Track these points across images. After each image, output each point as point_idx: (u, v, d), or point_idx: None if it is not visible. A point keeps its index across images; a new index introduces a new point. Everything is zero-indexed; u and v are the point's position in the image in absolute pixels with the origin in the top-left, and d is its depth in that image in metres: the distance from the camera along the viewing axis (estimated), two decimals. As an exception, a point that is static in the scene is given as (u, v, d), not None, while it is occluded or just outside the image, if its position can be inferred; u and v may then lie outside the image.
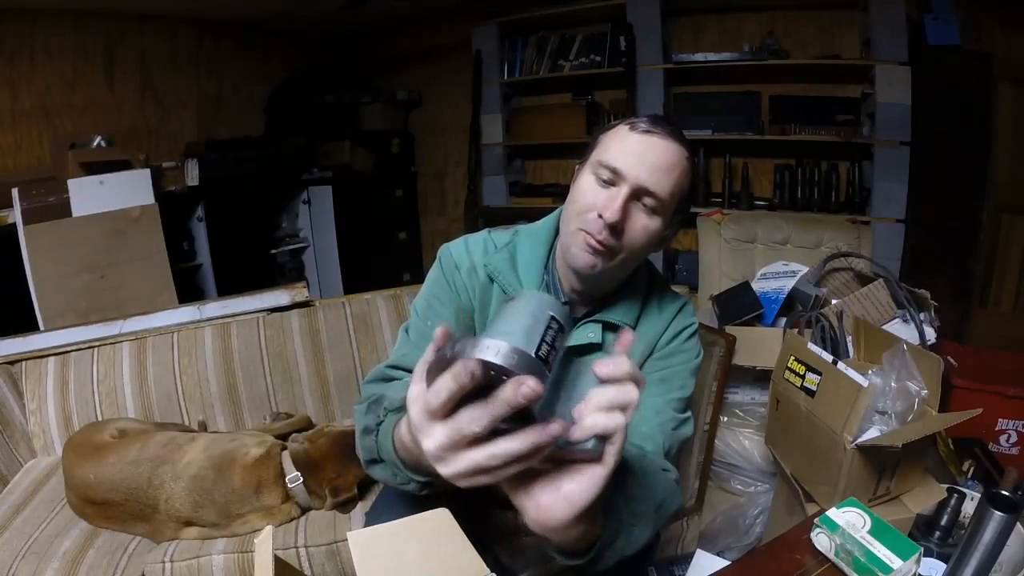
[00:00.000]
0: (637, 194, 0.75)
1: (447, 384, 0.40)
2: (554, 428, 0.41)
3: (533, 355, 0.41)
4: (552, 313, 0.45)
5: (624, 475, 0.65)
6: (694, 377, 0.87)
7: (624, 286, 0.87)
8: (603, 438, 0.44)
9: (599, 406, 0.44)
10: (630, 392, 0.45)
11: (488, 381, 0.40)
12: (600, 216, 0.75)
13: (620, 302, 0.86)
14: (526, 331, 0.43)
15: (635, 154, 0.75)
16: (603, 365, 0.45)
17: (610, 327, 0.85)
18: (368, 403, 0.76)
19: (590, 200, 0.77)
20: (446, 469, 0.43)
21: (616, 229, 0.75)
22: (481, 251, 0.90)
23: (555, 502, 0.45)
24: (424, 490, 0.69)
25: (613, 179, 0.76)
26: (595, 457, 0.45)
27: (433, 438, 0.42)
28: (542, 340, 0.42)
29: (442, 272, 0.90)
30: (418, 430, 0.44)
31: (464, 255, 0.90)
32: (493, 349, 0.40)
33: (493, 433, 0.42)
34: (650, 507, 0.66)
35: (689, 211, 0.85)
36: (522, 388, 0.38)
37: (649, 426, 0.78)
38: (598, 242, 0.76)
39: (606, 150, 0.77)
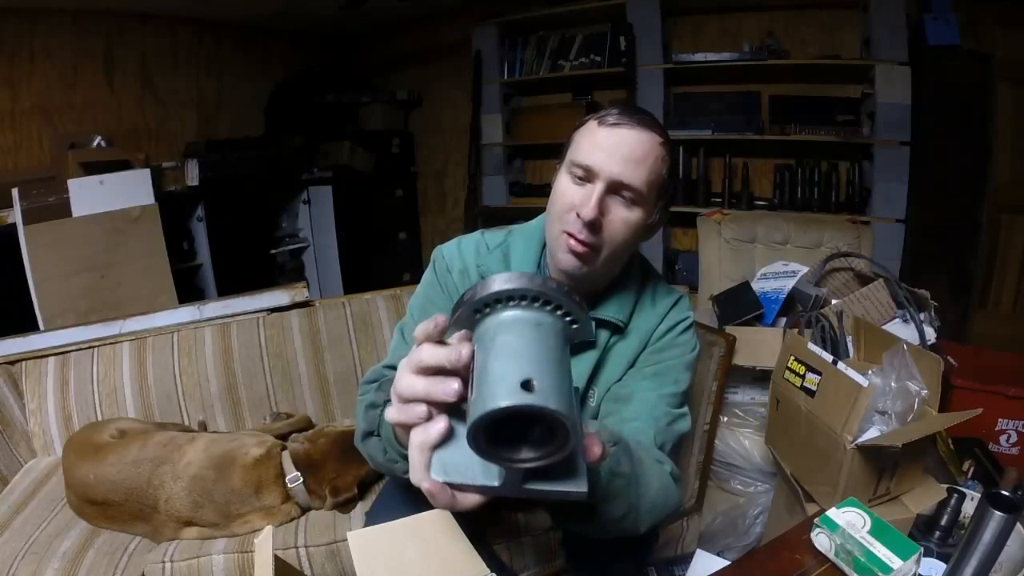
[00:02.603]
0: (613, 188, 0.75)
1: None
2: (448, 387, 0.43)
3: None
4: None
5: (614, 455, 0.63)
6: (689, 371, 0.86)
7: (617, 282, 0.86)
8: None
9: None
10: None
11: None
12: (579, 215, 0.75)
13: (613, 298, 0.86)
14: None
15: (606, 148, 0.75)
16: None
17: (603, 324, 0.85)
18: (380, 382, 0.77)
19: (568, 200, 0.77)
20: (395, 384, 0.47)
21: (595, 226, 0.75)
22: (474, 252, 0.90)
23: None
24: (408, 473, 0.68)
25: (587, 176, 0.76)
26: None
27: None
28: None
29: (435, 275, 0.91)
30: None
31: (456, 257, 0.91)
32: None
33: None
34: (637, 491, 0.65)
35: (674, 195, 0.85)
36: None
37: (641, 421, 0.78)
38: (580, 242, 0.76)
39: (578, 148, 0.77)
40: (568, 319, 0.44)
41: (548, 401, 0.36)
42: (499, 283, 0.42)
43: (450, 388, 0.43)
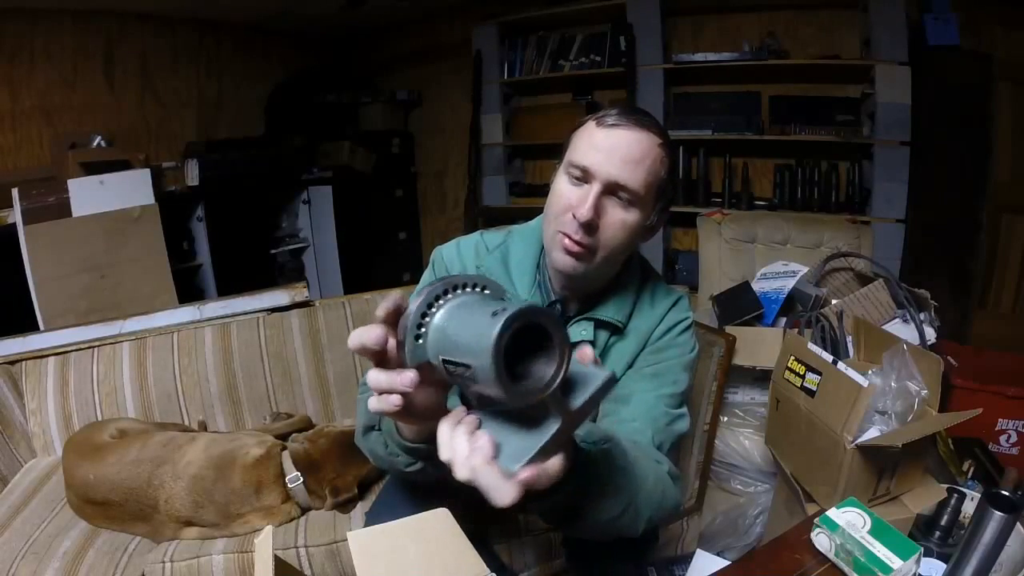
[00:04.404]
0: (610, 189, 0.75)
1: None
2: (405, 377, 0.47)
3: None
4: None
5: (606, 452, 0.64)
6: (688, 372, 0.86)
7: (615, 282, 0.86)
8: None
9: (444, 426, 0.49)
10: (466, 462, 0.46)
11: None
12: (575, 216, 0.75)
13: (612, 298, 0.86)
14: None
15: (603, 149, 0.75)
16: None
17: (602, 324, 0.85)
18: None
19: (565, 201, 0.77)
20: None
21: (591, 227, 0.75)
22: (473, 253, 0.91)
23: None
24: (411, 466, 0.69)
25: (584, 177, 0.76)
26: None
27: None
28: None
29: (435, 276, 0.91)
30: None
31: (456, 258, 0.91)
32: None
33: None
34: (632, 488, 0.65)
35: (673, 196, 0.85)
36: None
37: (640, 421, 0.78)
38: (575, 242, 0.76)
39: (575, 149, 0.77)
40: (478, 289, 0.49)
41: (520, 304, 0.41)
42: (414, 305, 0.46)
43: (407, 378, 0.47)
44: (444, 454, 0.47)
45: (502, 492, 0.45)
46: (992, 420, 1.55)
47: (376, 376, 0.49)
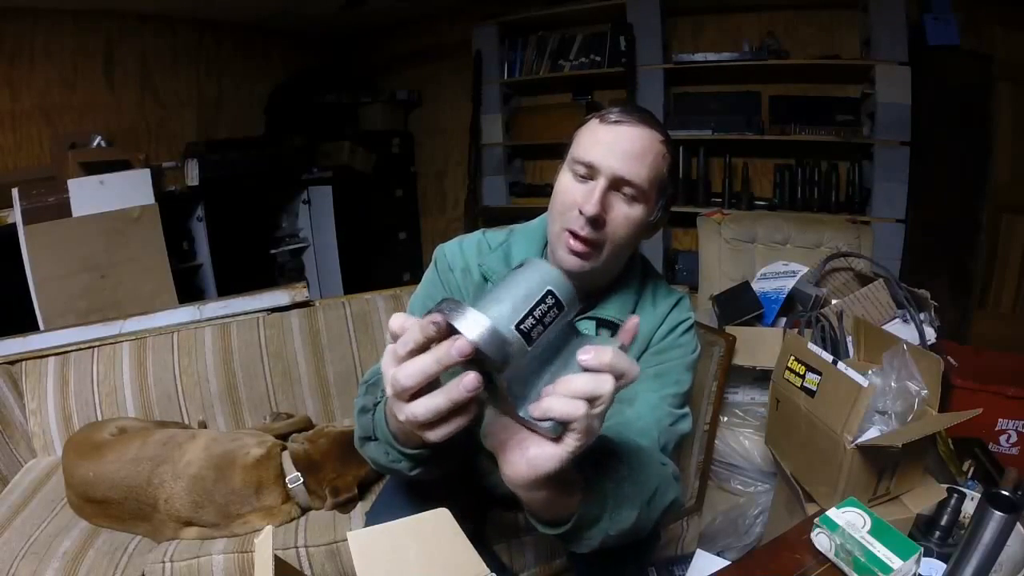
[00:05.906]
0: (615, 184, 0.76)
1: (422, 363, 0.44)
2: (467, 382, 0.42)
3: (513, 327, 0.43)
4: (550, 287, 0.46)
5: (613, 458, 0.65)
6: (691, 372, 0.86)
7: (618, 281, 0.87)
8: (564, 423, 0.46)
9: (563, 392, 0.45)
10: (602, 384, 0.46)
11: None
12: (581, 212, 0.75)
13: (614, 297, 0.86)
14: (517, 301, 0.44)
15: (607, 145, 0.75)
16: (585, 352, 0.47)
17: (604, 323, 0.85)
18: (367, 385, 0.77)
19: (570, 197, 0.77)
20: (400, 415, 0.47)
21: (598, 222, 0.75)
22: (475, 251, 0.91)
23: (519, 461, 0.49)
24: (414, 470, 0.69)
25: (589, 173, 0.76)
26: (552, 437, 0.47)
27: (388, 386, 0.47)
28: (529, 313, 0.44)
29: (437, 273, 0.91)
30: (386, 380, 0.47)
31: (458, 256, 0.91)
32: (474, 324, 0.42)
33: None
34: (639, 492, 0.66)
35: (674, 194, 0.85)
36: (455, 345, 0.41)
37: (644, 422, 0.78)
38: (581, 240, 0.76)
39: (579, 146, 0.78)
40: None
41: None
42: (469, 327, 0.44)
43: (470, 381, 0.43)
44: (574, 410, 0.45)
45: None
46: (992, 420, 1.55)
47: (431, 401, 0.44)
